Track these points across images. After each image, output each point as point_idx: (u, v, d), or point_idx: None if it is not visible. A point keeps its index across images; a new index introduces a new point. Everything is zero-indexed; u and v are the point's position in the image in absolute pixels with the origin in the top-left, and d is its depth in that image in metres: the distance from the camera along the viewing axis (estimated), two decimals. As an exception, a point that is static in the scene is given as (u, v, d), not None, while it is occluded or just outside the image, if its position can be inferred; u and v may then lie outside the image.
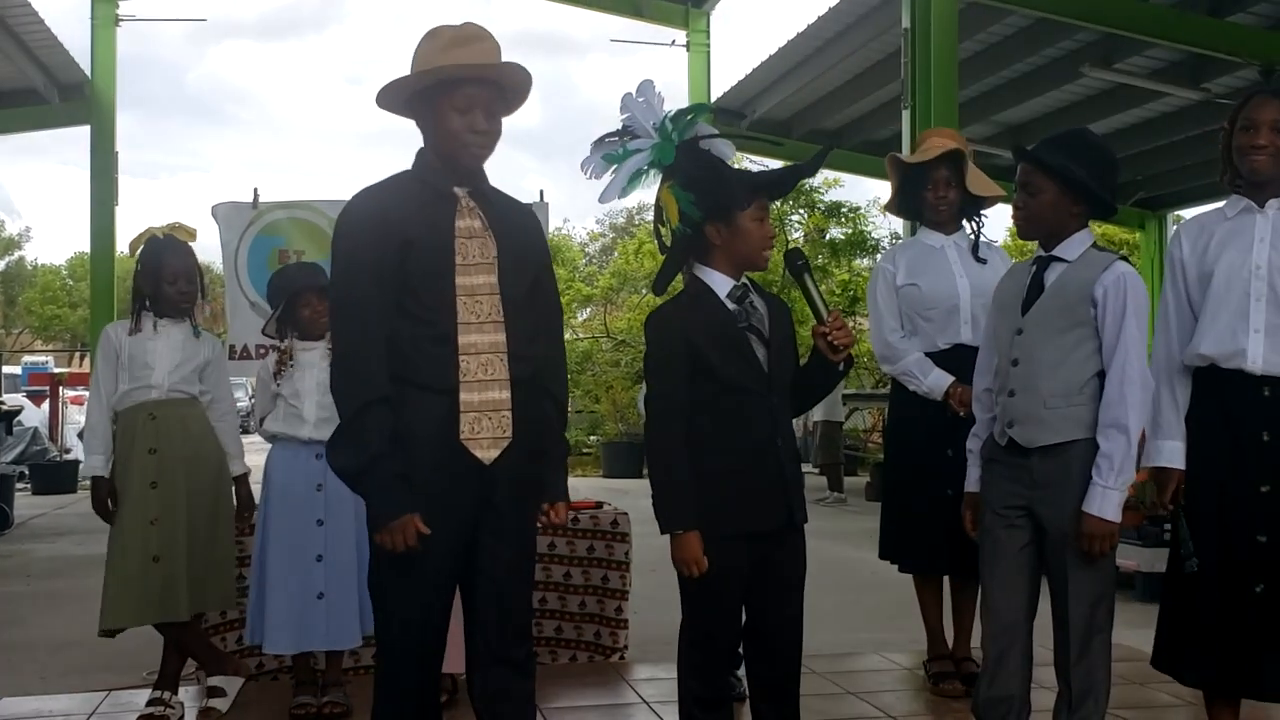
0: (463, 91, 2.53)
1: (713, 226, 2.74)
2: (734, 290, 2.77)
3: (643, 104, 2.80)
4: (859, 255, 18.01)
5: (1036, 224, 2.98)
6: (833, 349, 2.75)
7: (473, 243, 2.56)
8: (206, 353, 3.98)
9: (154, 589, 3.77)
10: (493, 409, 2.52)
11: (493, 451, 2.52)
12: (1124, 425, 2.81)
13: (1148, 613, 5.68)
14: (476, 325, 2.52)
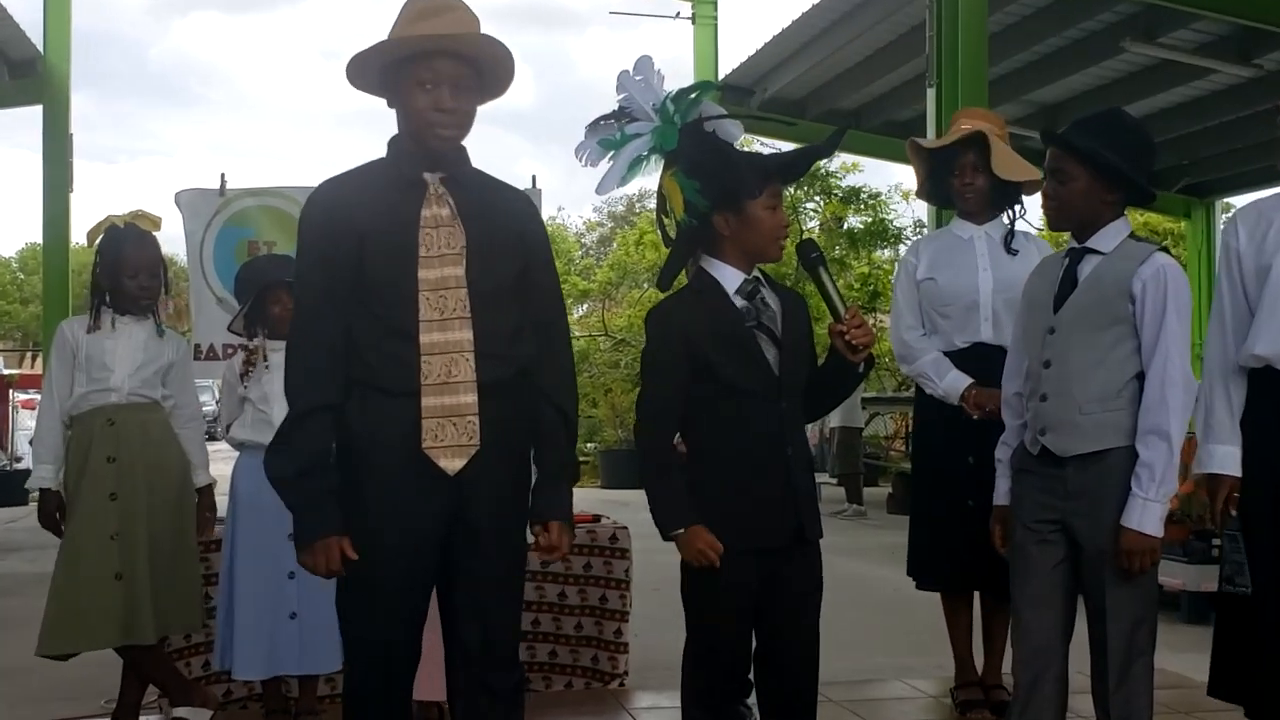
0: (428, 65, 2.52)
1: (721, 216, 2.75)
2: (744, 285, 2.77)
3: (641, 83, 2.78)
4: (879, 246, 18.01)
5: (1068, 213, 2.99)
6: (851, 349, 2.75)
7: (439, 232, 2.55)
8: (170, 353, 3.99)
9: (116, 609, 3.76)
10: (456, 414, 2.50)
11: (458, 461, 2.51)
12: (1165, 431, 2.82)
13: (1193, 635, 5.72)
14: (439, 322, 2.51)
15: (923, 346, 4.06)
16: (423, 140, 2.57)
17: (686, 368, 2.72)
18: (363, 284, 2.53)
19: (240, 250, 6.02)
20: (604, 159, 2.79)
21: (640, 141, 2.76)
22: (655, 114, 2.76)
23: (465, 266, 2.54)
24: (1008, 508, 3.13)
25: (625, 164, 2.76)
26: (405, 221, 2.54)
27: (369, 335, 2.53)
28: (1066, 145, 2.94)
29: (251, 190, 6.23)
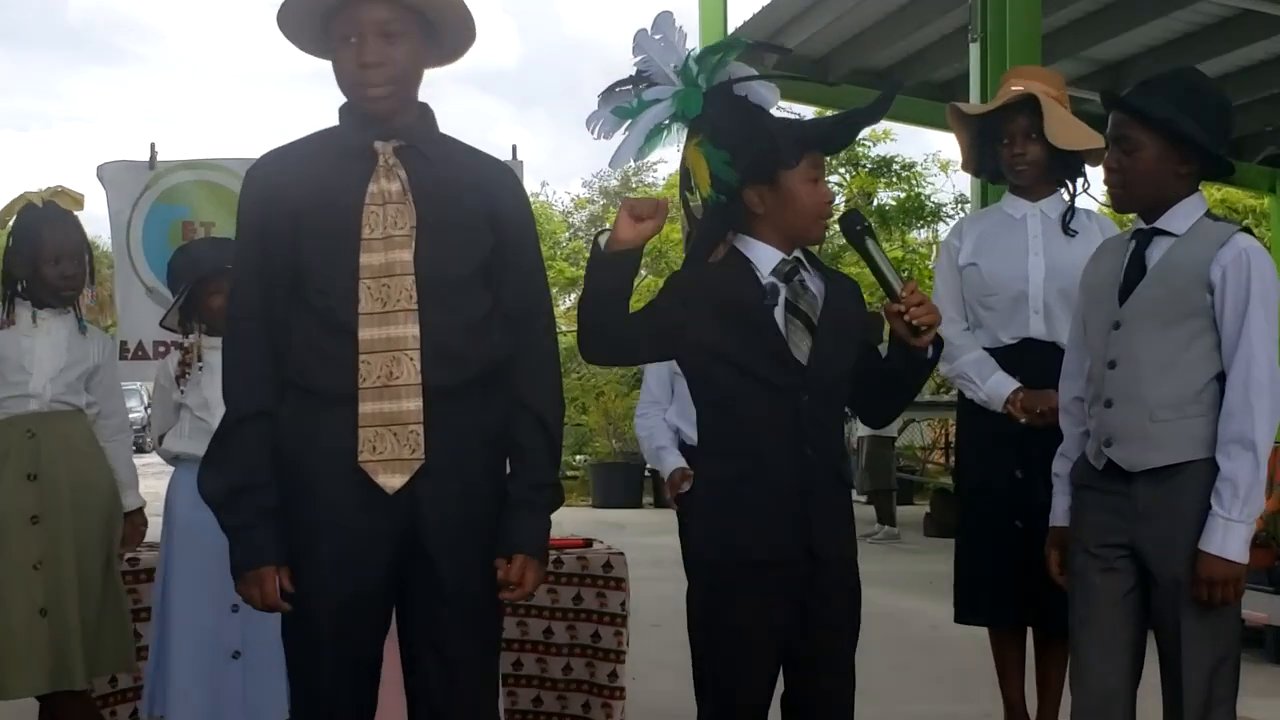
0: (348, 14, 2.51)
1: (754, 191, 2.76)
2: (781, 265, 2.78)
3: (660, 42, 2.77)
4: (915, 225, 18.04)
5: (1136, 189, 2.99)
6: (914, 330, 2.73)
7: (385, 210, 2.53)
8: (96, 354, 3.99)
9: (41, 650, 3.76)
10: (397, 422, 2.49)
11: (397, 477, 2.50)
12: (1250, 441, 2.82)
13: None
14: (381, 316, 2.50)
15: (964, 343, 4.04)
16: (358, 104, 2.57)
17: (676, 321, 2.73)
18: (298, 271, 2.53)
19: (174, 232, 6.01)
20: (619, 129, 2.77)
21: (660, 108, 2.74)
22: (677, 77, 2.76)
23: (414, 250, 2.52)
24: (1066, 529, 3.13)
25: (643, 133, 2.74)
26: (347, 198, 2.53)
27: (304, 330, 2.53)
28: (1133, 109, 2.95)
29: (186, 163, 6.22)
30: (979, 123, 4.16)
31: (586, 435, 18.28)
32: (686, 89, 2.74)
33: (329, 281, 2.51)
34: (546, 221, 24.51)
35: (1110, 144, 3.00)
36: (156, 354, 5.77)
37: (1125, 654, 3.00)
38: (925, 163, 17.81)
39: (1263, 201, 17.64)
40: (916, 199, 17.43)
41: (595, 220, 29.52)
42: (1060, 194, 4.09)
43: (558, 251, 22.29)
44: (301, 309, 2.53)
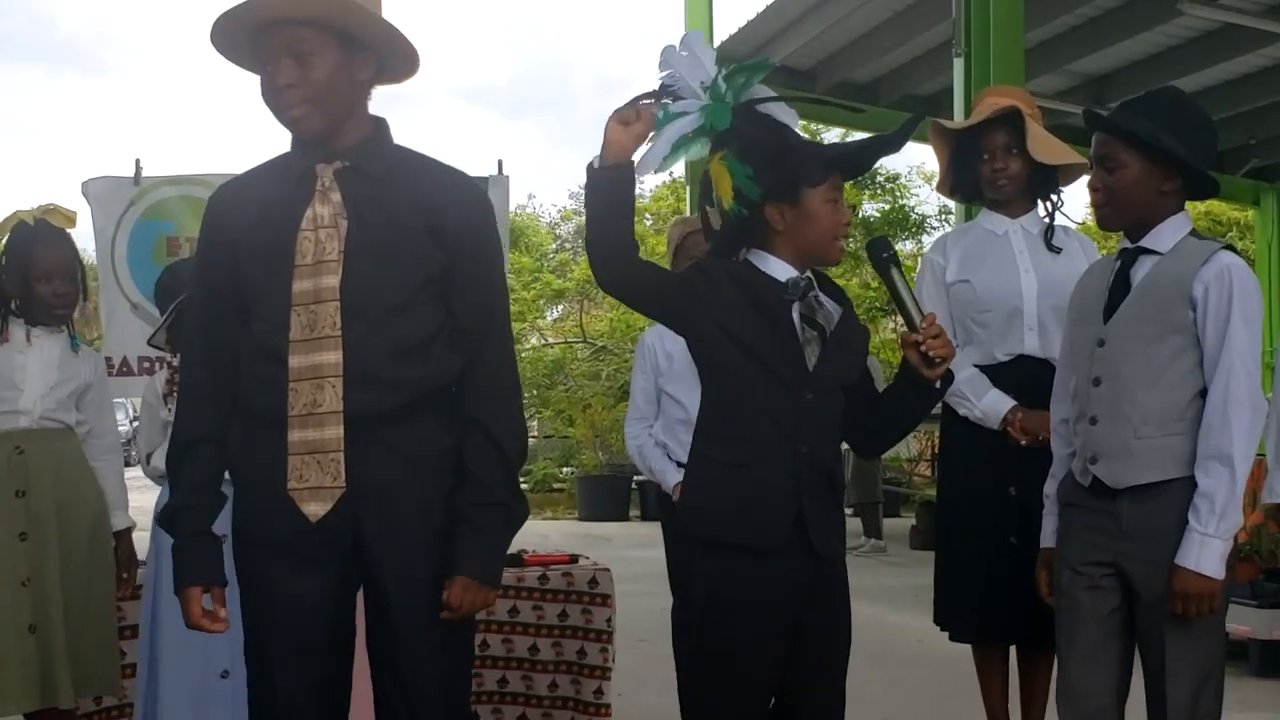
0: (261, 38, 2.50)
1: (774, 208, 2.79)
2: (796, 280, 2.81)
3: (687, 58, 2.83)
4: (900, 237, 18.09)
5: (1120, 208, 3.00)
6: (928, 362, 2.76)
7: (318, 235, 2.51)
8: (87, 373, 3.99)
9: (31, 667, 3.74)
10: (320, 451, 2.48)
11: (320, 506, 2.49)
12: (1227, 456, 2.83)
13: (1268, 690, 5.74)
14: (306, 343, 2.49)
15: (956, 361, 4.03)
16: (282, 124, 2.56)
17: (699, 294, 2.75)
18: (241, 299, 2.56)
19: (159, 248, 6.00)
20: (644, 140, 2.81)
21: (687, 119, 2.79)
22: (704, 92, 2.81)
23: (341, 275, 2.50)
24: (1054, 550, 3.14)
25: (669, 143, 2.79)
26: (284, 224, 2.53)
27: (245, 356, 2.56)
28: (1115, 128, 2.96)
29: (171, 178, 6.21)
30: (957, 139, 4.16)
31: (573, 448, 18.27)
32: (715, 103, 2.79)
33: (264, 308, 2.53)
34: (533, 234, 24.52)
35: (1094, 163, 3.01)
36: (141, 369, 5.76)
37: (1112, 671, 3.00)
38: (909, 175, 17.88)
39: (1247, 214, 17.72)
40: (901, 211, 17.50)
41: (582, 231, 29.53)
42: (1036, 211, 4.10)
43: (544, 264, 22.27)
44: (245, 335, 2.56)
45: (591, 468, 17.18)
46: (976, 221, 4.20)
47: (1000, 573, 3.80)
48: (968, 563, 4.03)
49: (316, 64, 2.50)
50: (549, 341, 20.50)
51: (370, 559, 2.53)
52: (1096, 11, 11.84)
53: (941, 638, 4.23)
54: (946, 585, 4.16)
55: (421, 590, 2.53)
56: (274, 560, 2.53)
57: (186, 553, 2.57)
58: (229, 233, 2.56)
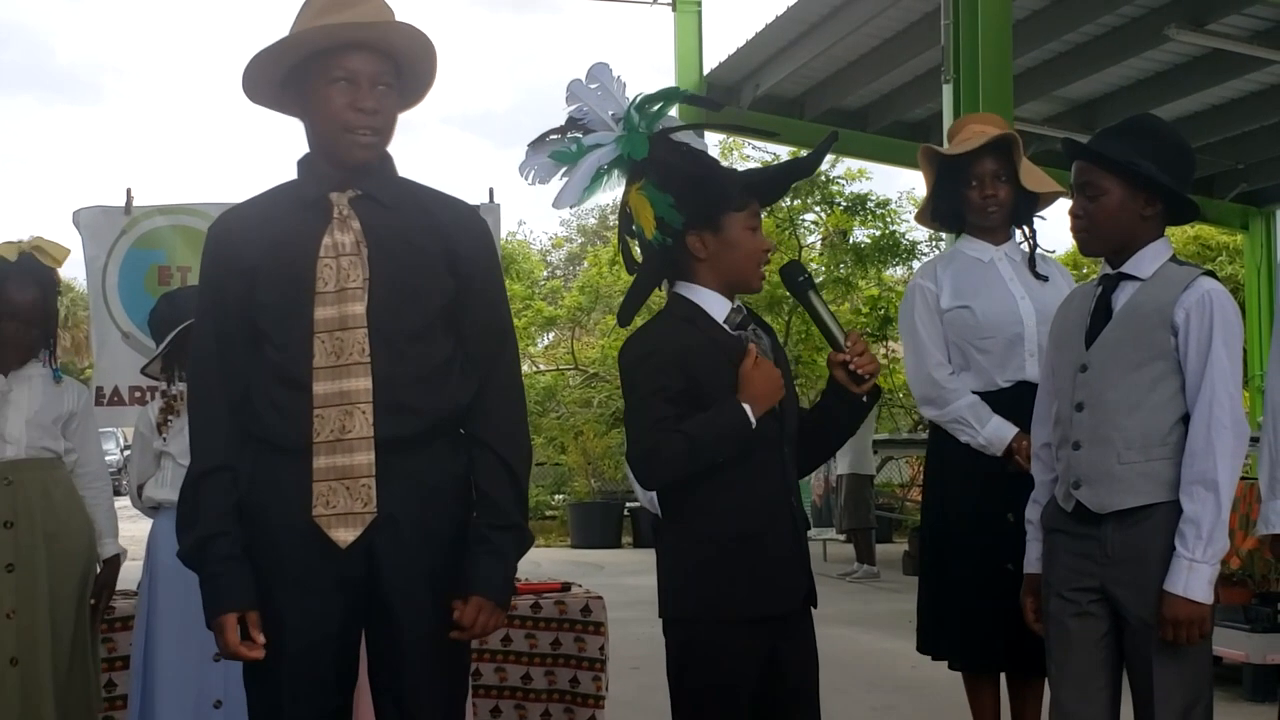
0: (342, 60, 2.53)
1: (696, 236, 2.78)
2: (732, 315, 2.80)
3: (598, 91, 2.83)
4: (891, 263, 18.11)
5: (1102, 233, 3.03)
6: (856, 379, 2.79)
7: (339, 263, 2.54)
8: (71, 402, 3.99)
9: (11, 701, 3.74)
10: (349, 477, 2.50)
11: (350, 532, 2.51)
12: (1212, 481, 2.85)
13: (1261, 715, 5.73)
14: (332, 370, 2.51)
15: (955, 387, 4.01)
16: (338, 151, 2.57)
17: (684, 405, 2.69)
18: (255, 326, 2.55)
19: (150, 277, 6.00)
20: (556, 174, 2.83)
21: (603, 151, 2.80)
22: (616, 124, 2.81)
23: (367, 303, 2.53)
24: (1040, 576, 3.15)
25: (587, 175, 2.79)
26: (302, 252, 2.55)
27: (262, 384, 2.55)
28: (1094, 155, 2.99)
29: (162, 208, 6.21)
30: (943, 165, 4.18)
31: (565, 475, 18.25)
32: (630, 133, 2.80)
33: (284, 336, 2.54)
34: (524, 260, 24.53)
35: (1075, 191, 3.05)
36: (132, 399, 5.75)
37: (1103, 696, 3.01)
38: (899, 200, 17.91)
39: (1235, 238, 17.77)
40: (892, 237, 17.49)
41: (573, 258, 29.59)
42: (1016, 238, 4.13)
43: (535, 291, 22.27)
44: (260, 363, 2.56)
45: (584, 495, 17.16)
46: (958, 248, 4.22)
47: (996, 600, 3.80)
48: (963, 589, 4.02)
49: (391, 98, 2.59)
50: (540, 369, 20.50)
51: (383, 588, 2.55)
52: (1084, 38, 11.92)
53: (935, 664, 4.24)
54: (937, 612, 4.15)
55: (430, 618, 2.56)
56: (284, 590, 2.53)
57: (220, 580, 2.52)
58: (243, 260, 2.55)
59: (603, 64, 2.86)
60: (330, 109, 2.54)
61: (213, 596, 2.53)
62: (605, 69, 2.85)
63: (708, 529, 2.71)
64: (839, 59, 13.15)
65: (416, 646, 2.56)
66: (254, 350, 2.56)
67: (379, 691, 2.61)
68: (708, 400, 2.69)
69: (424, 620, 2.55)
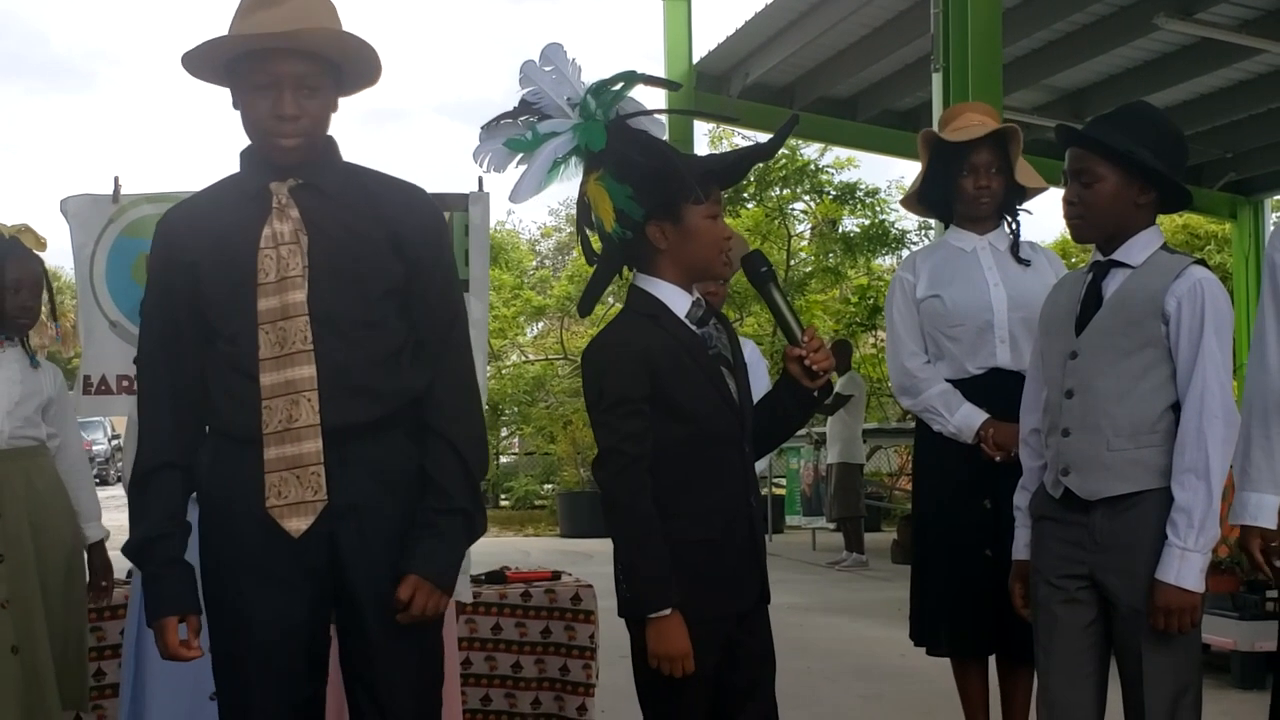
0: (263, 66, 2.51)
1: (656, 227, 2.73)
2: (694, 309, 2.77)
3: (552, 74, 2.76)
4: (880, 252, 18.15)
5: (1096, 220, 3.03)
6: (810, 374, 2.79)
7: (279, 252, 2.54)
8: (49, 387, 3.98)
9: (14, 688, 3.73)
10: (299, 465, 2.50)
11: (302, 521, 2.51)
12: (1204, 470, 2.86)
13: (1250, 702, 5.76)
14: (277, 360, 2.51)
15: (928, 376, 4.08)
16: (265, 151, 2.57)
17: (651, 405, 2.67)
18: (203, 319, 2.56)
19: (138, 266, 5.94)
20: (511, 163, 2.76)
21: (560, 141, 2.73)
22: (571, 110, 2.75)
23: (307, 291, 2.53)
24: (1028, 562, 3.17)
25: (544, 168, 2.72)
26: (243, 244, 2.55)
27: (215, 375, 2.57)
28: (1093, 142, 2.99)
29: (150, 196, 6.16)
30: (938, 152, 4.19)
31: (554, 464, 18.25)
32: (587, 122, 2.73)
33: (231, 328, 2.54)
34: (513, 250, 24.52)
35: (1069, 178, 3.04)
36: (120, 388, 5.71)
37: (1090, 683, 3.02)
38: (888, 189, 17.93)
39: (1224, 227, 17.81)
40: (881, 226, 17.52)
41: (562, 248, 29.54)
42: (1002, 227, 4.16)
43: (524, 280, 22.27)
44: (213, 356, 2.57)
45: (573, 484, 17.17)
46: (944, 239, 4.26)
47: (977, 586, 3.83)
48: (944, 577, 4.06)
49: (318, 98, 2.56)
50: (529, 358, 20.50)
51: (347, 576, 2.55)
52: (1073, 27, 11.93)
53: (923, 652, 4.25)
54: (923, 600, 4.18)
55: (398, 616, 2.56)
56: (248, 582, 2.53)
57: (162, 583, 2.56)
58: (187, 254, 2.56)
59: (556, 44, 2.79)
60: (254, 114, 2.54)
61: (154, 598, 2.57)
62: (559, 50, 2.78)
63: (671, 531, 2.66)
64: (828, 47, 13.15)
65: (384, 634, 2.55)
66: (205, 343, 2.57)
67: (351, 679, 2.61)
68: (672, 402, 2.67)
69: (389, 607, 2.54)
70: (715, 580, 2.71)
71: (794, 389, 2.83)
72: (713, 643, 2.70)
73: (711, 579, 2.70)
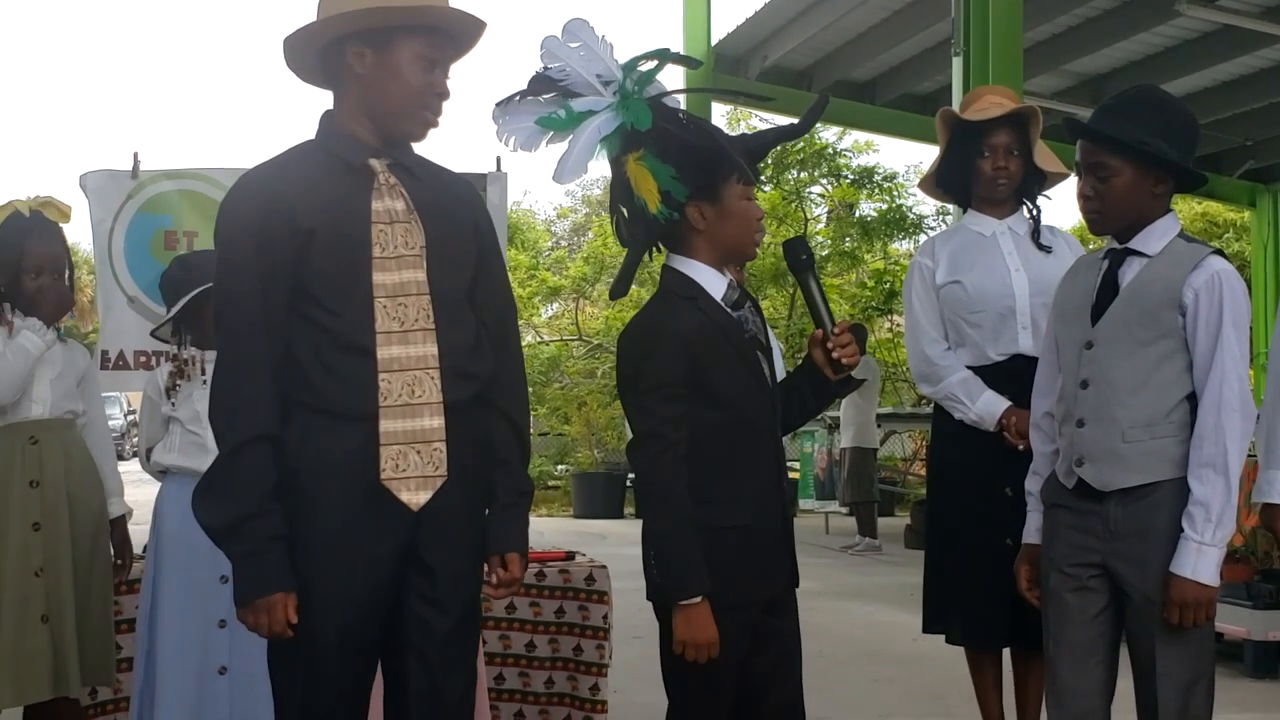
0: (435, 43, 2.57)
1: (695, 207, 2.73)
2: (729, 291, 2.77)
3: (580, 51, 2.73)
4: (896, 237, 18.11)
5: (1115, 214, 3.02)
6: (833, 365, 2.78)
7: (394, 229, 2.56)
8: (82, 362, 4.00)
9: (43, 657, 3.76)
10: (421, 440, 2.52)
11: (423, 494, 2.53)
12: (1222, 464, 2.85)
13: (1263, 691, 5.75)
14: (400, 335, 2.52)
15: (949, 363, 4.04)
16: (403, 124, 2.60)
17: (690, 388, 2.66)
18: (304, 290, 2.52)
19: (156, 241, 5.99)
20: (543, 141, 2.74)
21: (603, 119, 2.70)
22: (604, 87, 2.72)
23: (426, 269, 2.55)
24: (1037, 547, 3.17)
25: (590, 146, 2.70)
26: (355, 216, 2.54)
27: (313, 350, 2.52)
28: (1106, 137, 2.97)
29: (169, 172, 6.20)
30: (956, 134, 4.16)
31: (568, 445, 18.29)
32: (631, 100, 2.71)
33: (340, 300, 2.52)
34: (529, 230, 24.53)
35: (1084, 171, 3.01)
36: (137, 363, 5.76)
37: (1099, 671, 3.03)
38: (907, 174, 17.88)
39: (1243, 215, 17.72)
40: (898, 210, 17.48)
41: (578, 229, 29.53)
42: (1021, 212, 4.13)
43: (540, 261, 22.27)
44: (308, 328, 2.53)
45: (587, 465, 17.21)
46: (962, 224, 4.23)
47: (997, 575, 3.81)
48: (964, 565, 4.04)
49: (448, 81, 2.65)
50: (544, 339, 20.52)
51: (428, 546, 2.57)
52: (1095, 12, 11.86)
53: (935, 637, 4.25)
54: (941, 588, 4.17)
55: (469, 579, 2.65)
56: (336, 560, 2.51)
57: (267, 559, 2.46)
58: (303, 220, 2.50)
59: (581, 20, 2.75)
60: (412, 83, 2.57)
61: (258, 575, 2.47)
62: (585, 25, 2.74)
63: (705, 515, 2.66)
64: (848, 30, 13.09)
65: (451, 604, 2.60)
66: (297, 315, 2.53)
67: (408, 666, 2.60)
68: (709, 386, 2.67)
69: (460, 579, 2.62)
70: (747, 566, 2.71)
71: (814, 377, 2.83)
72: (742, 629, 2.70)
73: (743, 565, 2.70)
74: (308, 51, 2.63)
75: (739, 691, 2.78)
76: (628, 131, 2.71)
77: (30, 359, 3.74)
